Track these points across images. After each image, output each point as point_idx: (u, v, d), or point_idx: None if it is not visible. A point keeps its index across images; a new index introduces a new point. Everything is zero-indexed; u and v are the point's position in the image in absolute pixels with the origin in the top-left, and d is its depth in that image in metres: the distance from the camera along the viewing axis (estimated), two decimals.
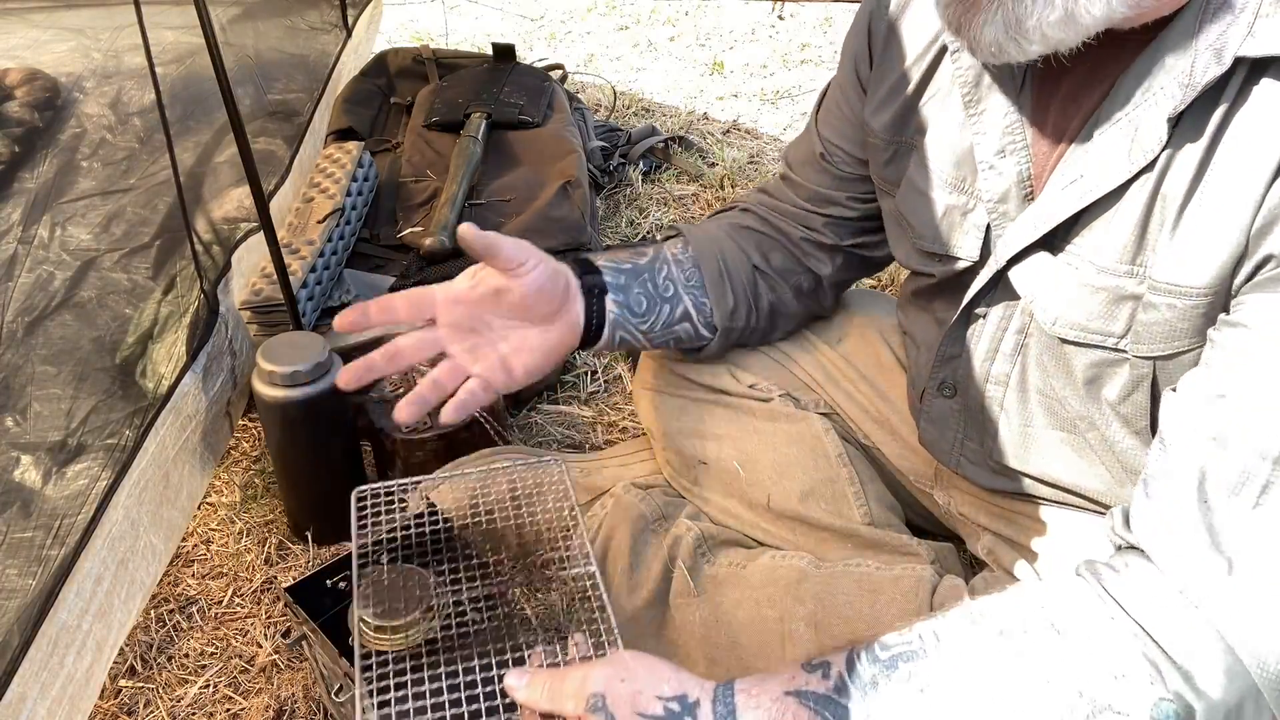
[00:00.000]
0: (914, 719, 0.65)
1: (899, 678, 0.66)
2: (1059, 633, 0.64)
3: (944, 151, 0.89)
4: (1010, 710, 0.64)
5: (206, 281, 1.37)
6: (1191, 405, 0.67)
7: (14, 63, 1.37)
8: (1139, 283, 0.76)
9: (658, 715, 0.68)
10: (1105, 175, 0.75)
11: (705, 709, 0.68)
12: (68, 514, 1.04)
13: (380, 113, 2.22)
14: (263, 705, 1.10)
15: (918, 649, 0.67)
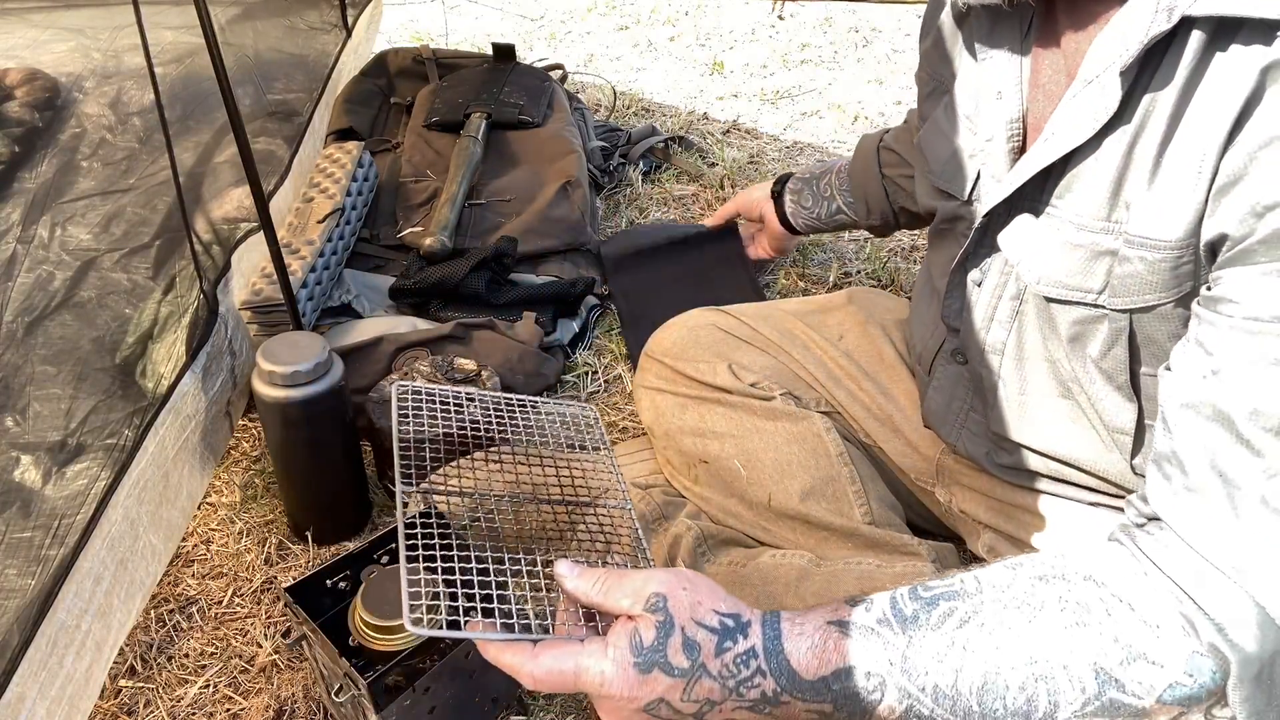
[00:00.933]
0: (952, 651, 0.67)
1: (940, 613, 0.68)
2: (1097, 583, 0.66)
3: (964, 94, 0.94)
4: (1046, 650, 0.65)
5: (206, 281, 1.37)
6: (1189, 384, 0.69)
7: (14, 63, 1.37)
8: (1115, 238, 0.78)
9: (712, 626, 0.69)
10: (1072, 131, 0.78)
11: (755, 630, 0.69)
12: (67, 514, 1.04)
13: (380, 113, 2.22)
14: (263, 705, 1.09)
15: (958, 590, 0.69)
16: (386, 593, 1.00)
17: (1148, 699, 0.64)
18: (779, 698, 0.69)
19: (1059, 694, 0.65)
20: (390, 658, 0.97)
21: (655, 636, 0.68)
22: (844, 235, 1.99)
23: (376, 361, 1.48)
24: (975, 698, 0.66)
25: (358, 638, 1.00)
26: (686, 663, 0.68)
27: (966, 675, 0.66)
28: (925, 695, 0.67)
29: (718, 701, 0.69)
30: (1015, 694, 0.66)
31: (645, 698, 0.68)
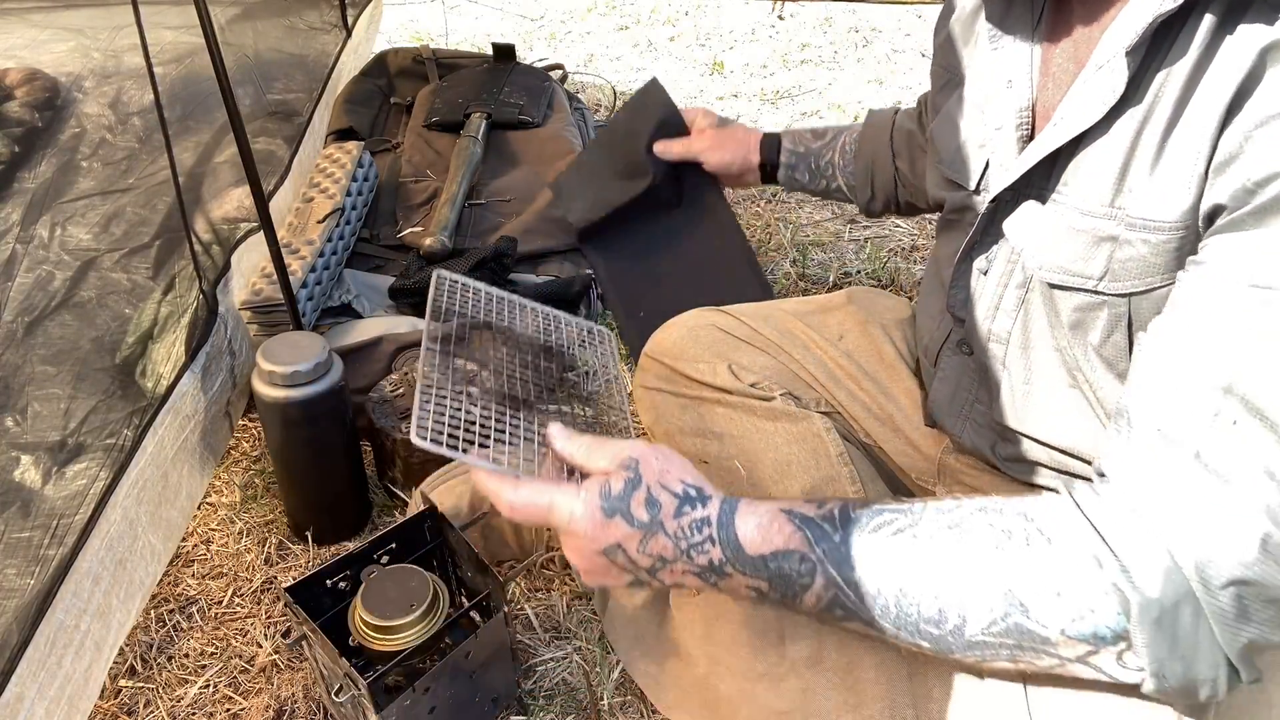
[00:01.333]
0: (881, 555, 0.72)
1: (879, 521, 0.73)
2: (1026, 518, 0.70)
3: (975, 85, 0.95)
4: (965, 569, 0.70)
5: (206, 281, 1.37)
6: (1154, 344, 0.71)
7: (14, 63, 1.37)
8: (1117, 224, 0.78)
9: (675, 490, 0.76)
10: (1081, 115, 0.78)
11: (714, 503, 0.76)
12: (65, 514, 1.04)
13: (380, 113, 2.22)
14: (263, 705, 1.09)
15: (905, 509, 0.74)
16: (386, 593, 1.00)
17: (1052, 629, 0.68)
18: (724, 568, 0.75)
19: (968, 611, 0.69)
20: (390, 658, 0.97)
21: (622, 488, 0.75)
22: (844, 235, 1.99)
23: (376, 361, 1.48)
24: (893, 600, 0.71)
25: (358, 638, 1.00)
26: (646, 517, 0.74)
27: (889, 579, 0.71)
28: (849, 589, 0.72)
29: (670, 560, 0.75)
30: (929, 603, 0.70)
31: (605, 540, 0.75)
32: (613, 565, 0.77)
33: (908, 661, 0.89)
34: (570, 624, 1.18)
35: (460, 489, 1.20)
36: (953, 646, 0.72)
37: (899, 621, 0.72)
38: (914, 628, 0.72)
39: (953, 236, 1.00)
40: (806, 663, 0.93)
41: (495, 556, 1.23)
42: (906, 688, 0.88)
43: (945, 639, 0.72)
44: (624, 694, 1.10)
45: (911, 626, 0.72)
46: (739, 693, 0.97)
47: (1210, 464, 0.65)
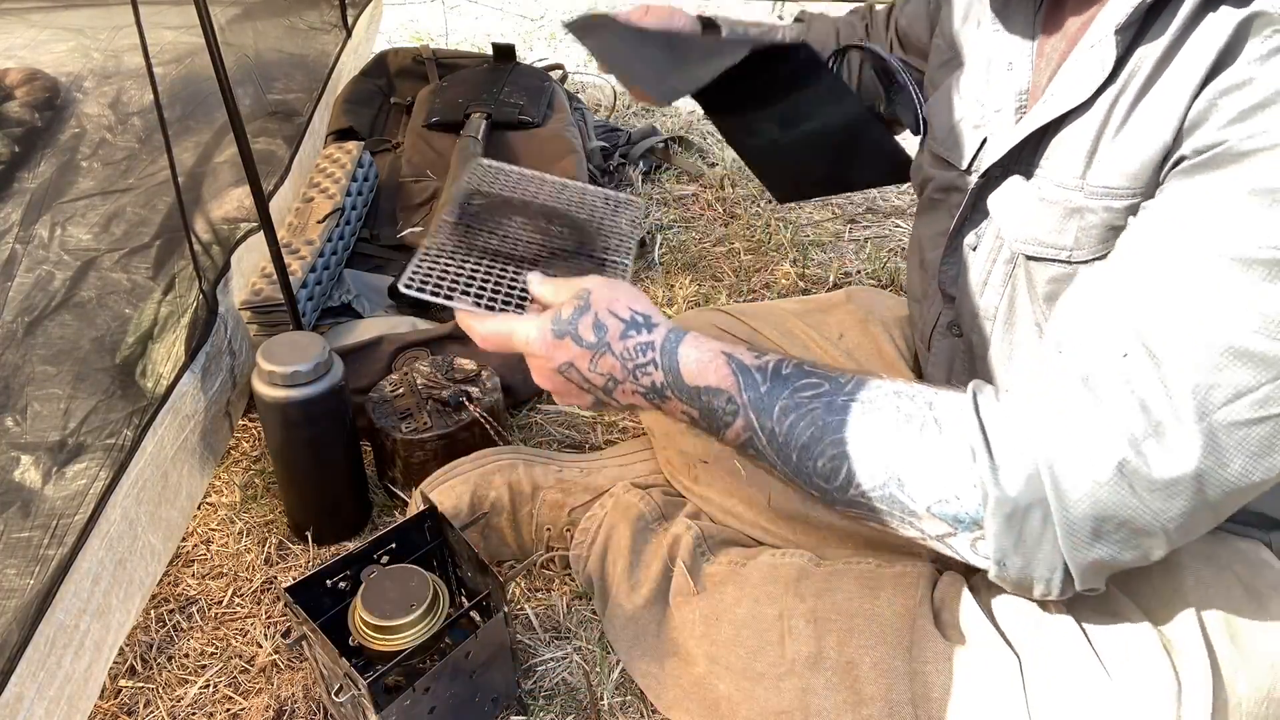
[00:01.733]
0: (796, 411, 0.79)
1: (806, 383, 0.80)
2: (931, 407, 0.76)
3: (974, 66, 0.96)
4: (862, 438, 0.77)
5: (206, 281, 1.37)
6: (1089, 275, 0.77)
7: (14, 63, 1.37)
8: (1085, 196, 0.80)
9: (622, 316, 0.84)
10: (1069, 93, 0.81)
11: (660, 331, 0.84)
12: (66, 514, 1.04)
13: (380, 113, 2.22)
14: (263, 705, 1.09)
15: (834, 377, 0.80)
16: (386, 593, 1.00)
17: (919, 505, 0.75)
18: (664, 391, 0.83)
19: (855, 474, 0.77)
20: (390, 658, 0.98)
21: (571, 313, 0.83)
22: (844, 235, 1.99)
23: (376, 361, 1.49)
24: (796, 451, 0.79)
25: (358, 638, 1.00)
26: (594, 338, 0.83)
27: (798, 432, 0.79)
28: (762, 434, 0.80)
29: (620, 381, 0.84)
30: (826, 461, 0.78)
31: (558, 359, 0.84)
32: (570, 383, 0.86)
33: (908, 660, 0.89)
34: (570, 624, 1.18)
35: (460, 489, 1.20)
36: (835, 501, 0.80)
37: (797, 470, 0.80)
38: (807, 477, 0.80)
39: (937, 217, 1.02)
40: (806, 662, 0.93)
41: (495, 556, 1.23)
42: (906, 686, 0.88)
43: (831, 493, 0.80)
44: (624, 694, 1.10)
45: (806, 477, 0.80)
46: (738, 692, 0.97)
47: (1093, 386, 0.69)
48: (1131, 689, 0.79)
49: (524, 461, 1.24)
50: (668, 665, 1.05)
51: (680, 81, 0.93)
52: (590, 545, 1.18)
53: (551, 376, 0.86)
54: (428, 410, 1.35)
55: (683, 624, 1.04)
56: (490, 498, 1.20)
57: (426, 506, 1.10)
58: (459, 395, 1.36)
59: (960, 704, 0.85)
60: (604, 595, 1.14)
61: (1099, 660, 0.81)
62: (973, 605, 0.91)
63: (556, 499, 1.21)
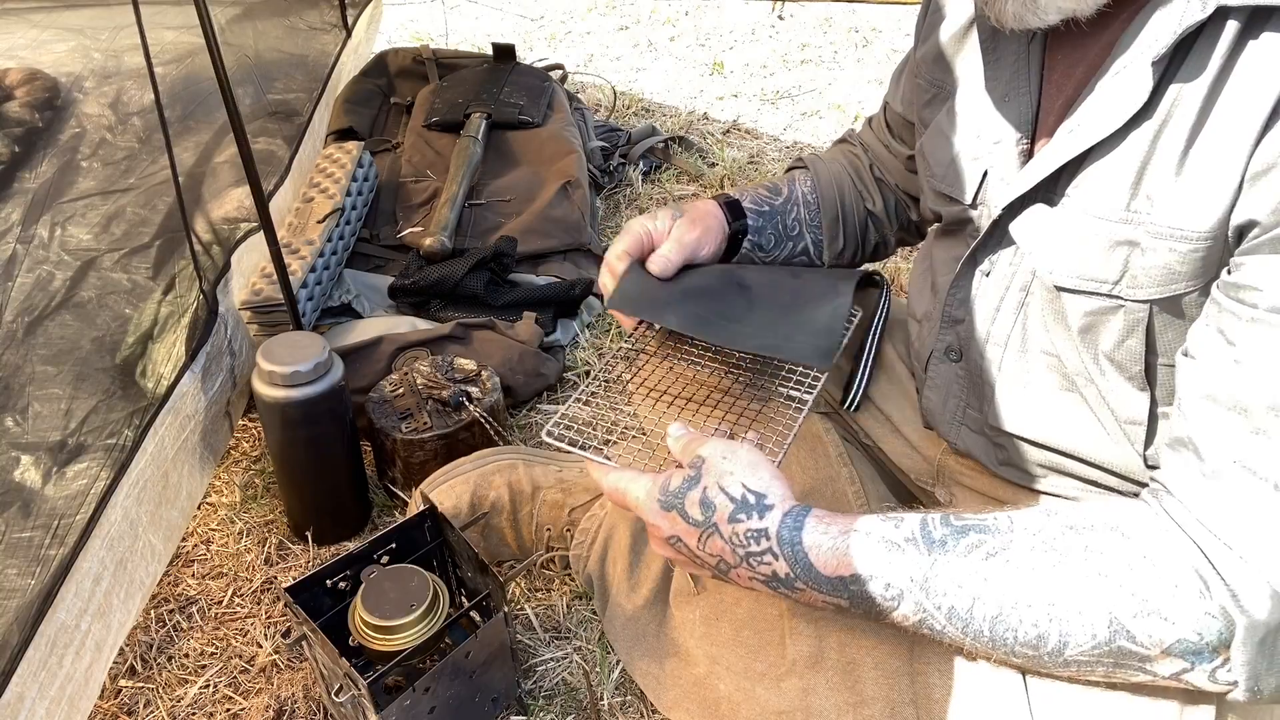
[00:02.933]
0: (974, 580, 0.71)
1: (968, 543, 0.73)
2: (1123, 535, 0.70)
3: (969, 97, 0.94)
4: (1065, 594, 0.70)
5: (206, 281, 1.37)
6: (1210, 373, 0.71)
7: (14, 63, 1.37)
8: (1134, 228, 0.78)
9: (733, 495, 0.77)
10: (1098, 123, 0.78)
11: (775, 514, 0.76)
12: (66, 514, 1.04)
13: (380, 113, 2.22)
14: (263, 705, 1.09)
15: (990, 525, 0.73)
16: (386, 593, 1.00)
17: (1154, 650, 0.69)
18: (794, 583, 0.76)
19: (1069, 635, 0.70)
20: (390, 658, 0.98)
21: (679, 485, 0.78)
22: None
23: (376, 361, 1.49)
24: (988, 625, 0.72)
25: (358, 638, 1.00)
26: (700, 516, 0.77)
27: (983, 604, 0.71)
28: (940, 614, 0.73)
29: (731, 565, 0.77)
30: (1028, 629, 0.71)
31: (666, 530, 0.79)
32: (681, 555, 0.81)
33: (909, 660, 0.89)
34: (570, 624, 1.18)
35: (460, 489, 1.20)
36: (1048, 666, 0.73)
37: (993, 643, 0.73)
38: (1008, 649, 0.73)
39: (952, 245, 1.00)
40: (806, 662, 0.93)
41: (495, 556, 1.23)
42: (908, 686, 0.88)
43: (1041, 659, 0.73)
44: (624, 694, 1.10)
45: (1006, 648, 0.73)
46: (739, 692, 0.97)
47: None
48: (1133, 689, 0.79)
49: (524, 461, 1.24)
50: (668, 665, 1.05)
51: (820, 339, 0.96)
52: (590, 545, 1.18)
53: (664, 545, 0.82)
54: (428, 410, 1.35)
55: (683, 624, 1.04)
56: (490, 498, 1.20)
57: (426, 506, 1.10)
58: (459, 395, 1.36)
59: (962, 704, 0.85)
60: (604, 595, 1.14)
61: None
62: None
63: (556, 499, 1.21)
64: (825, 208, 1.17)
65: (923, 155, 1.02)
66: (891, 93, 1.16)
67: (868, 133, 1.23)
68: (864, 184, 1.20)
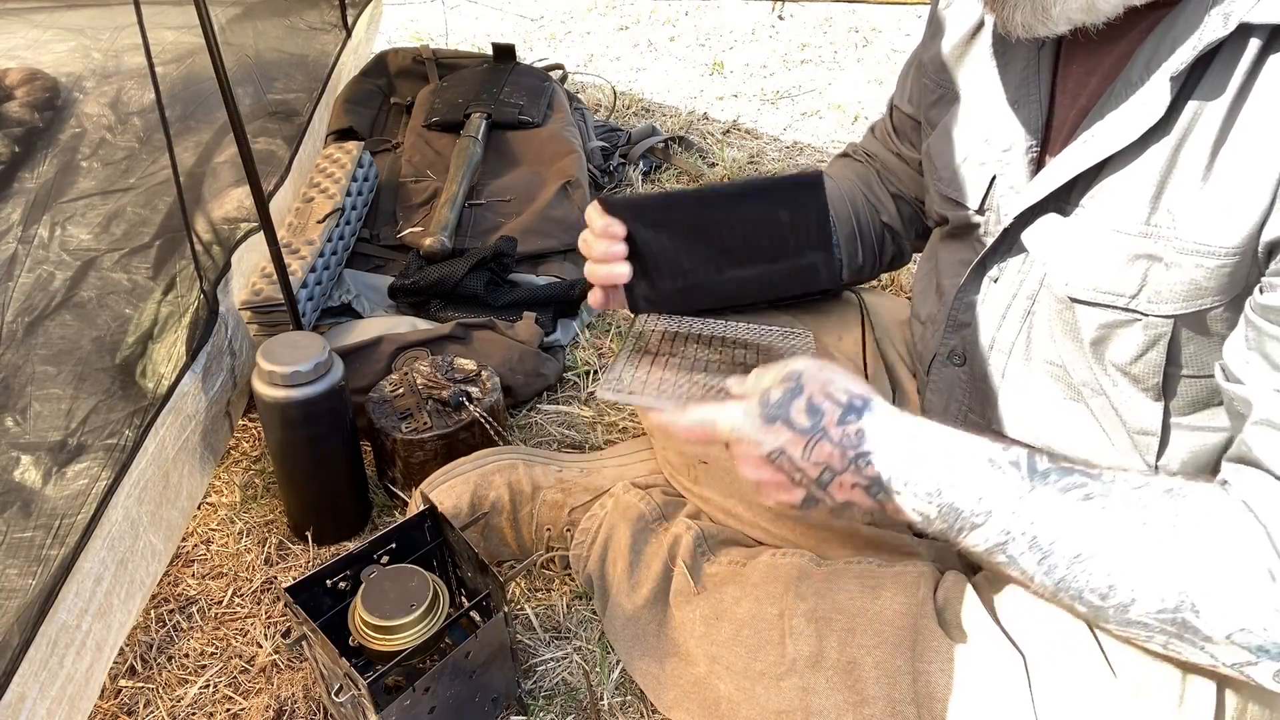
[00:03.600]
0: (1065, 516, 0.72)
1: (1070, 482, 0.73)
2: (1210, 515, 0.70)
3: (977, 101, 0.93)
4: (1145, 553, 0.70)
5: (206, 281, 1.37)
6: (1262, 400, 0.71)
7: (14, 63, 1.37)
8: (1154, 242, 0.78)
9: (839, 400, 0.77)
10: (1114, 135, 0.78)
11: (881, 414, 0.77)
12: (67, 514, 1.04)
13: (380, 113, 2.22)
14: (263, 705, 1.10)
15: (1094, 474, 0.74)
16: (386, 593, 1.01)
17: (1217, 632, 0.69)
18: (891, 485, 0.76)
19: (1138, 594, 0.71)
20: (390, 658, 0.98)
21: (782, 396, 0.77)
22: None
23: (376, 361, 1.49)
24: (1065, 563, 0.72)
25: (358, 638, 1.00)
26: (808, 422, 0.76)
27: (1067, 541, 0.72)
28: (1023, 540, 0.73)
29: (838, 470, 0.77)
30: (1101, 576, 0.71)
31: (769, 444, 0.77)
32: (781, 472, 0.79)
33: (910, 660, 0.89)
34: (570, 624, 1.18)
35: (460, 489, 1.20)
36: (1111, 619, 0.74)
37: (1062, 584, 0.74)
38: (1076, 593, 0.74)
39: (959, 247, 1.00)
40: (806, 662, 0.93)
41: (495, 556, 1.23)
42: (908, 686, 0.88)
43: (1106, 610, 0.73)
44: (624, 694, 1.10)
45: (1074, 591, 0.74)
46: (739, 692, 0.97)
47: None
48: (1135, 687, 0.79)
49: (524, 461, 1.24)
50: (668, 665, 1.05)
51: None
52: (590, 545, 1.18)
53: (760, 465, 0.80)
54: (428, 410, 1.35)
55: (683, 624, 1.04)
56: (490, 498, 1.20)
57: (426, 506, 1.10)
58: (459, 395, 1.36)
59: (964, 704, 0.85)
60: (604, 595, 1.15)
61: (1105, 658, 0.81)
62: (976, 604, 0.91)
63: (556, 499, 1.21)
64: (840, 224, 1.14)
65: (929, 158, 1.02)
66: (898, 94, 1.16)
67: (873, 142, 1.22)
68: (876, 197, 1.18)
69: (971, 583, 0.94)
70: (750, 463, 0.80)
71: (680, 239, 0.99)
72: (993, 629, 0.88)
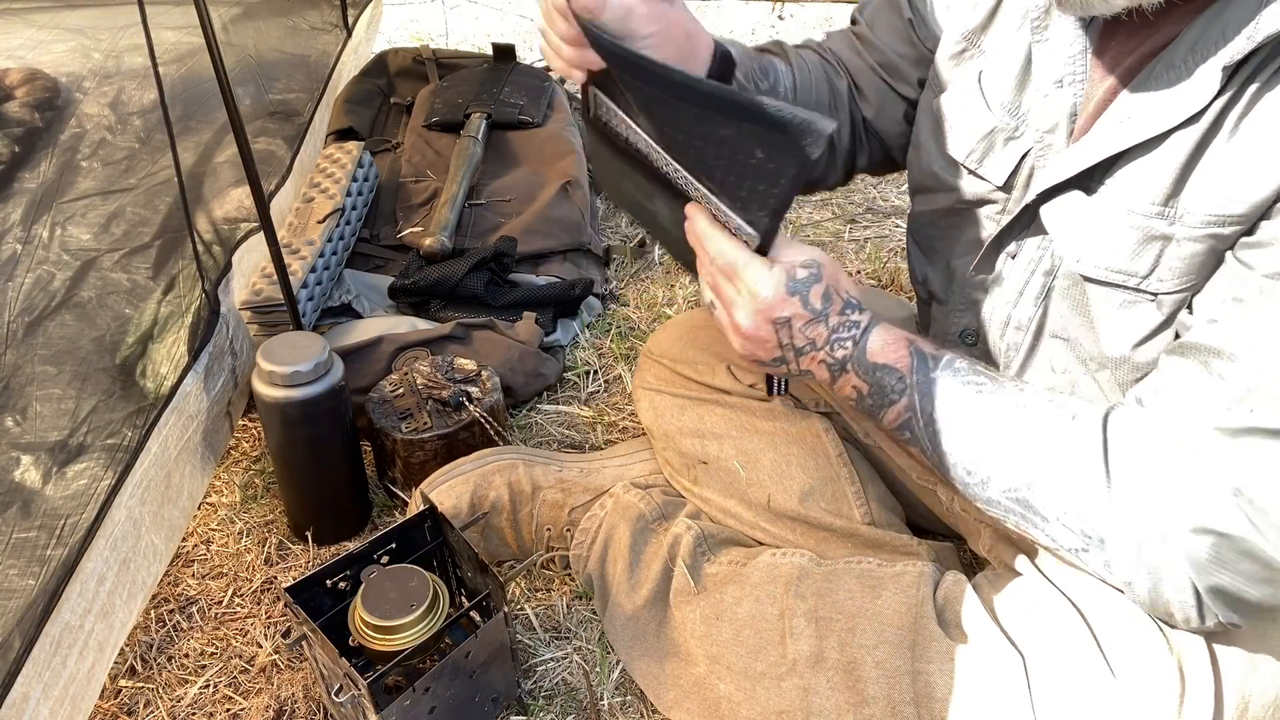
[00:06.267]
0: (957, 403, 0.84)
1: (973, 379, 0.85)
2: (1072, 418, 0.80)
3: (1007, 70, 0.91)
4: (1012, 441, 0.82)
5: (208, 281, 1.37)
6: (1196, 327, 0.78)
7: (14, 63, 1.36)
8: (1169, 224, 0.78)
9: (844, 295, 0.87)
10: (1155, 118, 0.77)
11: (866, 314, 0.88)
12: (70, 514, 1.04)
13: (380, 113, 2.22)
14: (263, 705, 1.10)
15: (1000, 378, 0.85)
16: (386, 593, 1.01)
17: (1050, 513, 0.80)
18: (845, 364, 0.88)
19: (994, 473, 0.83)
20: (390, 658, 0.98)
21: (806, 277, 0.85)
22: (844, 235, 1.99)
23: (376, 361, 1.49)
24: (947, 440, 0.85)
25: (358, 638, 1.00)
26: (819, 305, 0.86)
27: (951, 424, 0.84)
28: (920, 416, 0.86)
29: (817, 347, 0.88)
30: (970, 455, 0.84)
31: (780, 310, 0.85)
32: (773, 336, 0.87)
33: (910, 660, 0.89)
34: (570, 624, 1.18)
35: (460, 489, 1.20)
36: (976, 497, 0.85)
37: (943, 458, 0.86)
38: (952, 468, 0.85)
39: (966, 224, 0.98)
40: (807, 662, 0.93)
41: (495, 556, 1.23)
42: (909, 686, 0.88)
43: (971, 488, 0.85)
44: (624, 694, 1.10)
45: (950, 467, 0.86)
46: (739, 692, 0.97)
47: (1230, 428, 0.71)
48: (1135, 688, 0.79)
49: (524, 461, 1.24)
50: (668, 665, 1.05)
51: None
52: (590, 545, 1.18)
53: (760, 324, 0.86)
54: (428, 410, 1.35)
55: (683, 624, 1.04)
56: (490, 498, 1.20)
57: (426, 506, 1.10)
58: (459, 395, 1.36)
59: (964, 703, 0.86)
60: (604, 595, 1.15)
61: (1104, 659, 0.81)
62: (976, 604, 0.91)
63: (556, 499, 1.22)
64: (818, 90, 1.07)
65: (936, 118, 0.99)
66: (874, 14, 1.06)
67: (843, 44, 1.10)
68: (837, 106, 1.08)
69: (971, 583, 0.95)
70: (752, 319, 0.86)
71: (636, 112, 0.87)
72: (993, 629, 0.88)
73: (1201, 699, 0.78)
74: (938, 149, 0.98)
